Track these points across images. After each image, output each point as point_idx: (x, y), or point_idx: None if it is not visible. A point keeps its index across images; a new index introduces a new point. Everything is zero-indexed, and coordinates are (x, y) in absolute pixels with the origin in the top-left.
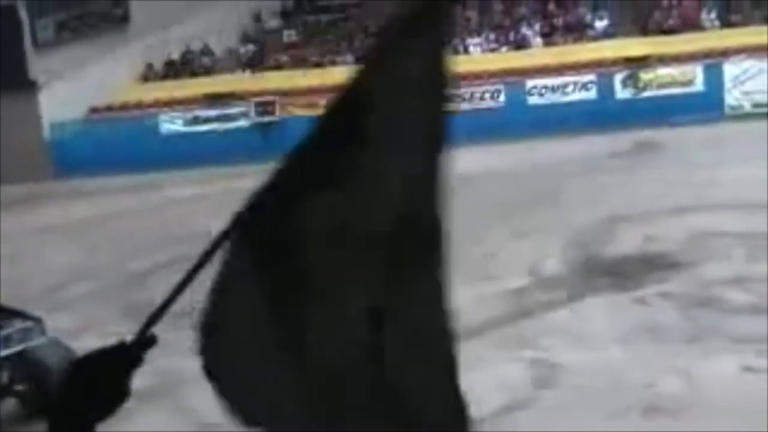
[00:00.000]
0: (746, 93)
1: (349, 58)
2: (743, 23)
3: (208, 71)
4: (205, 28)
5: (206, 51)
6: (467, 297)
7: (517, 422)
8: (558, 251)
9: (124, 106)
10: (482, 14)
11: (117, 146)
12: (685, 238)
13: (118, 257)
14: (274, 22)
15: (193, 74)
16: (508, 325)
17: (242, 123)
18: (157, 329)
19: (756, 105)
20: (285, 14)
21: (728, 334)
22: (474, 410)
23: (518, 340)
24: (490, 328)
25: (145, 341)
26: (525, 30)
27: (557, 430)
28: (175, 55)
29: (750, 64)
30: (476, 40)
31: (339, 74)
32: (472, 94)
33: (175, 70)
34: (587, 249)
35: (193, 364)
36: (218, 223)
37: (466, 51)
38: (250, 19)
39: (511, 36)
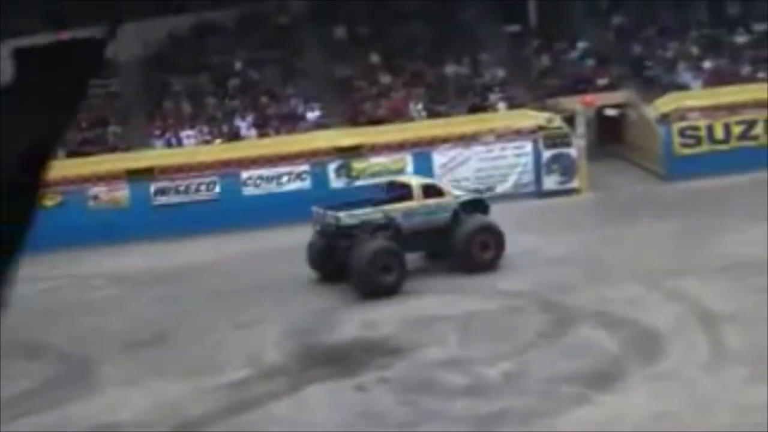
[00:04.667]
0: (454, 180)
1: None
2: (448, 114)
3: None
4: None
5: None
6: (188, 391)
7: None
8: (279, 341)
9: None
10: (195, 106)
11: None
12: (405, 323)
13: None
14: None
15: None
16: (229, 417)
17: None
18: None
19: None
20: None
21: (445, 416)
22: None
23: None
24: (210, 421)
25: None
26: (238, 121)
27: None
28: None
29: (457, 153)
30: (189, 132)
31: None
32: (187, 187)
33: None
34: (308, 337)
35: None
36: None
37: (179, 143)
38: None
39: (225, 127)
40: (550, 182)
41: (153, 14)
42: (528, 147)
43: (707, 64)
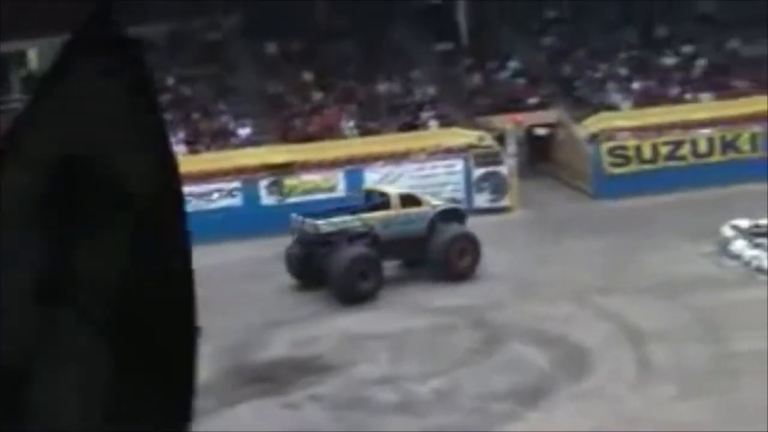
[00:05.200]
0: None
1: None
2: (380, 131)
3: None
4: None
5: None
6: None
7: None
8: (208, 359)
9: None
10: None
11: None
12: (336, 341)
13: None
14: None
15: None
16: None
17: None
18: None
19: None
20: None
21: None
22: None
23: None
24: None
25: None
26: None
27: None
28: None
29: (388, 170)
30: None
31: None
32: None
33: None
34: (238, 355)
35: None
36: None
37: None
38: None
39: None
40: (481, 200)
41: None
42: (459, 165)
43: (636, 85)
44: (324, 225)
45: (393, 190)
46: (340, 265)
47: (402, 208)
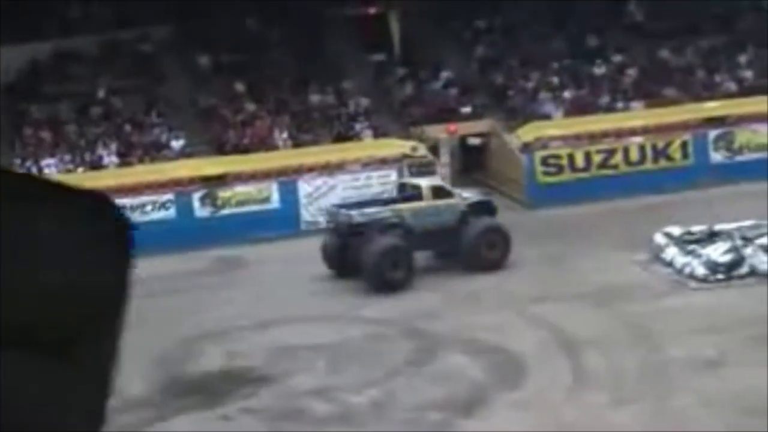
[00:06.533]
0: (320, 209)
1: None
2: (313, 142)
3: None
4: None
5: None
6: None
7: None
8: (142, 372)
9: None
10: (56, 134)
11: None
12: (270, 353)
13: None
14: None
15: None
16: None
17: None
18: None
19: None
20: None
21: None
22: None
23: None
24: None
25: None
26: (101, 150)
27: None
28: None
29: (322, 181)
30: (50, 161)
31: None
32: None
33: None
34: (171, 368)
35: None
36: None
37: (40, 172)
38: None
39: (87, 156)
40: None
41: (11, 40)
42: (393, 175)
43: (567, 94)
44: (357, 215)
45: (425, 182)
46: (371, 255)
47: (434, 199)
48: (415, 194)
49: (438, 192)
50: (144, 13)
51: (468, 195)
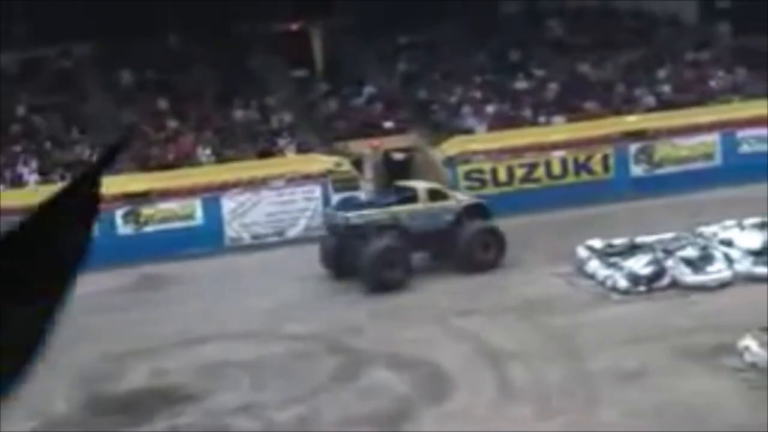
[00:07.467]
0: (245, 225)
1: None
2: (237, 158)
3: None
4: None
5: None
6: None
7: None
8: (66, 391)
9: None
10: None
11: None
12: (195, 370)
13: None
14: None
15: None
16: None
17: None
18: None
19: (255, 237)
20: None
21: None
22: None
23: None
24: None
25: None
26: (21, 168)
27: None
28: None
29: (246, 197)
30: None
31: None
32: None
33: None
34: (95, 387)
35: None
36: None
37: None
38: None
39: (7, 174)
40: None
41: None
42: (317, 191)
43: (490, 109)
44: (354, 217)
45: (421, 184)
46: (368, 256)
47: (429, 201)
48: (411, 196)
49: (433, 194)
50: (65, 30)
51: (463, 197)
